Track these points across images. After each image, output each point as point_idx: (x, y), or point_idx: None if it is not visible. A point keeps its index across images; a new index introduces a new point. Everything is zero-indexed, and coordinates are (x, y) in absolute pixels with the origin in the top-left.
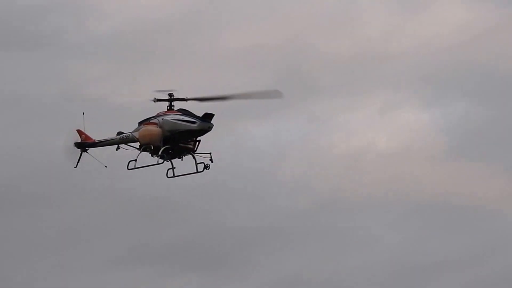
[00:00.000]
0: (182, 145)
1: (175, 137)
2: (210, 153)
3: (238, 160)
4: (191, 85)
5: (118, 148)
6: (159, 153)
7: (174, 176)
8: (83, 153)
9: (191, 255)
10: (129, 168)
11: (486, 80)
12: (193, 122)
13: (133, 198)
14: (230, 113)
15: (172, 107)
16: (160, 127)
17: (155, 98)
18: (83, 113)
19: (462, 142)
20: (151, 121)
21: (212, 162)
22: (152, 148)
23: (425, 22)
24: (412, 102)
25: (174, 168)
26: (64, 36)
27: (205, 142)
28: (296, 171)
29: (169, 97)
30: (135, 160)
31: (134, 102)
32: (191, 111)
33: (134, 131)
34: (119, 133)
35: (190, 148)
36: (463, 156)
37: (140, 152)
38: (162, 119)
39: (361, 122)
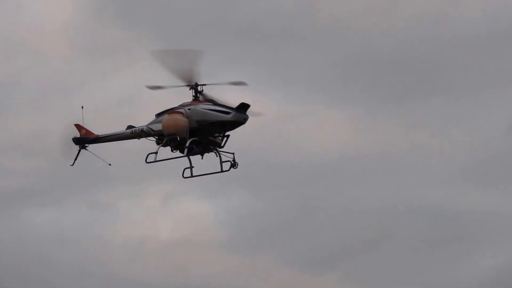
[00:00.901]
0: (210, 138)
1: (204, 129)
2: (233, 153)
3: (22, 245)
4: None
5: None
6: (187, 145)
7: (191, 176)
8: (82, 149)
9: None
10: (147, 161)
11: (265, 172)
12: (227, 113)
13: None
14: (15, 198)
15: (198, 97)
16: (187, 117)
17: (196, 83)
18: (82, 107)
19: (241, 233)
20: (175, 111)
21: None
22: (178, 139)
23: None
24: (193, 192)
25: (193, 167)
26: None
27: None
28: (78, 258)
29: (195, 86)
30: (156, 153)
31: None
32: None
33: (152, 123)
34: (130, 126)
35: (218, 143)
36: (242, 246)
37: (161, 145)
38: (189, 109)
39: (143, 211)
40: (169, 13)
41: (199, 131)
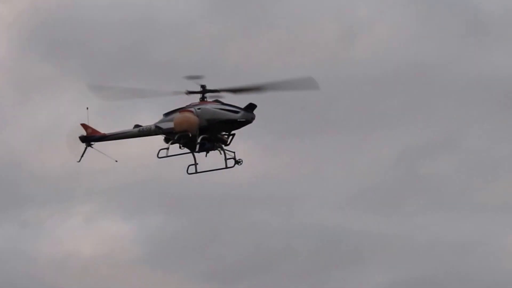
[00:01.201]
0: (218, 136)
1: (213, 127)
2: (234, 152)
3: None
4: None
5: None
6: (198, 141)
7: (196, 172)
8: (88, 147)
9: None
10: (159, 156)
11: (178, 196)
12: (236, 112)
13: None
14: None
15: (205, 99)
16: (197, 115)
17: (187, 90)
18: (87, 108)
19: (158, 251)
20: (186, 109)
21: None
22: (189, 136)
23: None
24: (114, 213)
25: (197, 164)
26: None
27: None
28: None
29: (201, 89)
30: (167, 149)
31: None
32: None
33: (160, 122)
34: (137, 126)
35: (224, 140)
36: (159, 264)
37: (172, 142)
38: (199, 108)
39: (67, 230)
40: (94, 50)
41: (208, 129)
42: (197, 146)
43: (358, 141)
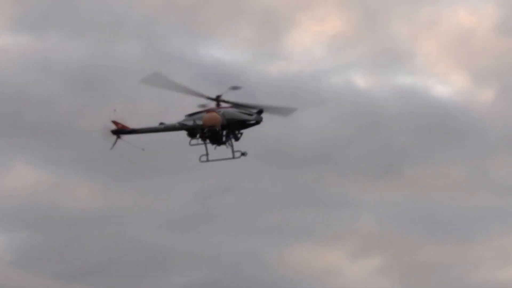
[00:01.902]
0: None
1: (231, 125)
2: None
3: None
4: None
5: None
6: (224, 134)
7: (207, 161)
8: (118, 139)
9: None
10: (191, 144)
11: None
12: (250, 114)
13: None
14: None
15: (219, 105)
16: (220, 116)
17: (218, 96)
18: (115, 110)
19: (23, 257)
20: (210, 110)
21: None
22: (216, 131)
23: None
24: None
25: (208, 154)
26: None
27: None
28: None
29: (216, 98)
30: (197, 139)
31: None
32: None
33: (187, 120)
34: (161, 123)
35: (237, 137)
36: (25, 266)
37: (199, 136)
38: (219, 111)
39: None
40: None
41: (228, 126)
42: (224, 138)
43: (168, 184)
